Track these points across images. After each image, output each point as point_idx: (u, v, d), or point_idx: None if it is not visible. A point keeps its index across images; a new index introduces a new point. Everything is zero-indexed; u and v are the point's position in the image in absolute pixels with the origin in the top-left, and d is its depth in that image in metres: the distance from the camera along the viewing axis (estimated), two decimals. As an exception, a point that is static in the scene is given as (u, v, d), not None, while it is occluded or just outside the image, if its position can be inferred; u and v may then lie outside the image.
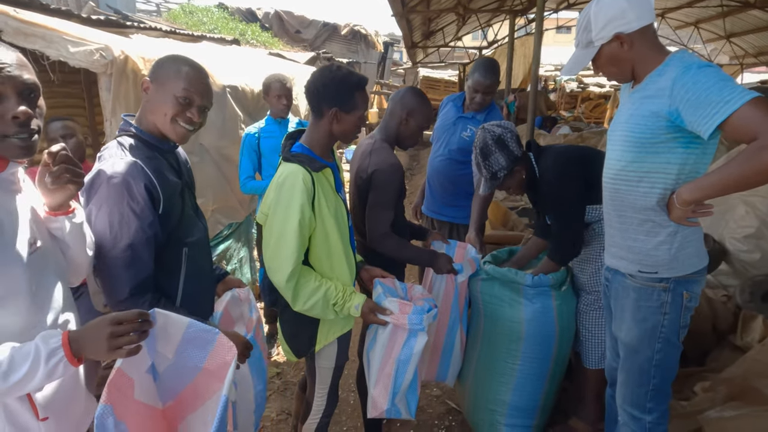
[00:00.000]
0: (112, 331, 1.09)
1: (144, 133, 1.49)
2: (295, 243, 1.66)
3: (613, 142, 1.70)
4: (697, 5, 9.53)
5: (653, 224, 1.61)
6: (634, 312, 1.69)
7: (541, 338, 2.16)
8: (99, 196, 1.37)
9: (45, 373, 1.05)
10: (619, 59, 1.59)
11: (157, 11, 14.19)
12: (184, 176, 1.63)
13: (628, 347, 1.73)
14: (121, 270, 1.38)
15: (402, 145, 2.18)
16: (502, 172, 2.09)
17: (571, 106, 15.23)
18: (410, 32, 11.56)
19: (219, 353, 1.33)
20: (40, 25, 2.41)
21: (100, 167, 1.39)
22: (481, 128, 2.15)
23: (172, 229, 1.50)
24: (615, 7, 1.53)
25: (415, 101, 2.12)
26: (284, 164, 1.75)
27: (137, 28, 3.98)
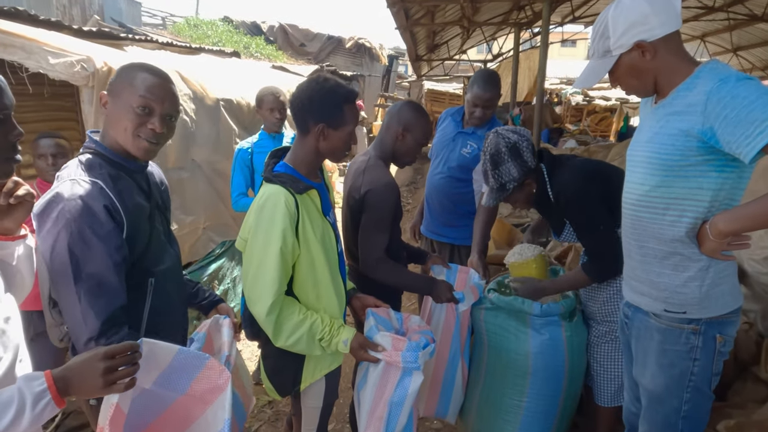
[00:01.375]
0: (107, 367, 1.03)
1: (107, 150, 1.36)
2: (276, 272, 1.51)
3: (635, 164, 1.50)
4: (703, 18, 9.41)
5: (681, 258, 1.41)
6: (659, 356, 1.49)
7: (549, 373, 1.99)
8: (56, 221, 1.23)
9: (31, 418, 0.97)
10: (640, 70, 1.40)
11: (163, 24, 14.24)
12: (155, 198, 1.48)
13: (652, 395, 1.53)
14: (88, 303, 1.23)
15: (398, 162, 2.02)
16: (512, 184, 1.90)
17: (577, 119, 15.11)
18: (414, 45, 11.51)
19: (208, 377, 1.27)
20: (20, 36, 2.30)
21: (57, 190, 1.25)
22: (495, 132, 1.95)
23: (137, 256, 1.35)
24: (636, 11, 1.34)
25: (412, 115, 1.97)
26: (265, 185, 1.60)
27: (132, 40, 3.88)
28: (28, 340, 1.26)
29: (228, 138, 3.52)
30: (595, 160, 2.11)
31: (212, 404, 1.30)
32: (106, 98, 1.36)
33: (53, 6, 9.85)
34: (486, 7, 8.79)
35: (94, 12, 10.49)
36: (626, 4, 1.37)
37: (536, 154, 1.96)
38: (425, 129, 1.98)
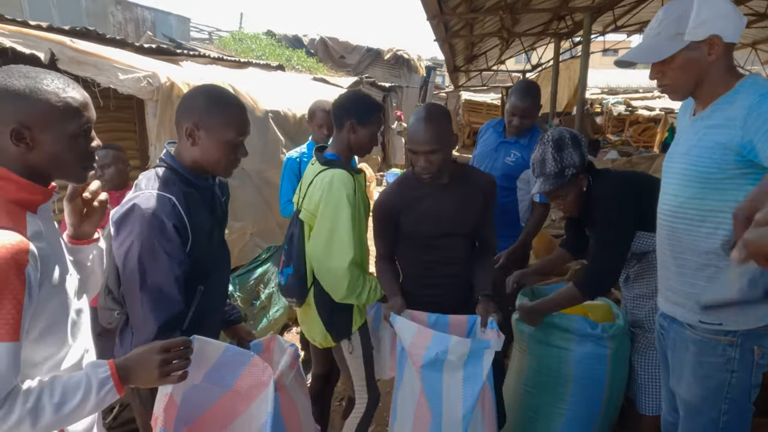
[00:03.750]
0: (163, 359, 1.13)
1: (182, 167, 1.47)
2: (349, 233, 1.88)
3: (671, 176, 1.52)
4: (754, 26, 9.13)
5: (716, 269, 1.41)
6: (695, 368, 1.48)
7: (591, 381, 2.00)
8: (131, 230, 1.35)
9: (95, 402, 1.08)
10: (696, 66, 1.38)
11: (209, 39, 14.81)
12: (217, 212, 1.60)
13: (689, 406, 1.53)
14: (149, 308, 1.36)
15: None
16: (571, 171, 1.88)
17: (619, 129, 14.78)
18: (453, 57, 11.60)
19: (252, 374, 1.37)
20: (93, 54, 2.51)
21: (135, 201, 1.37)
22: (554, 127, 2.06)
23: (192, 267, 1.45)
24: (723, 6, 1.35)
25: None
26: (325, 169, 1.98)
27: (187, 56, 4.11)
28: (95, 335, 1.38)
29: (275, 148, 3.68)
30: (636, 171, 2.14)
31: (256, 399, 1.39)
32: (193, 130, 1.42)
33: (110, 23, 10.43)
34: (525, 18, 8.80)
35: (147, 28, 11.04)
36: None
37: None
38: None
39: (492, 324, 1.80)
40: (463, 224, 1.95)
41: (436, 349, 1.69)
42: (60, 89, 1.08)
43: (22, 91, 1.04)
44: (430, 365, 1.72)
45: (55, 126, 1.07)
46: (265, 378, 1.35)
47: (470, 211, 1.94)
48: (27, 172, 1.08)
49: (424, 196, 1.91)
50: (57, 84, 1.09)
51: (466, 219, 1.94)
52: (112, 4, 10.49)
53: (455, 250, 1.97)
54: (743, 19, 1.39)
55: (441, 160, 1.77)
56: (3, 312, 0.97)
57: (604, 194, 1.91)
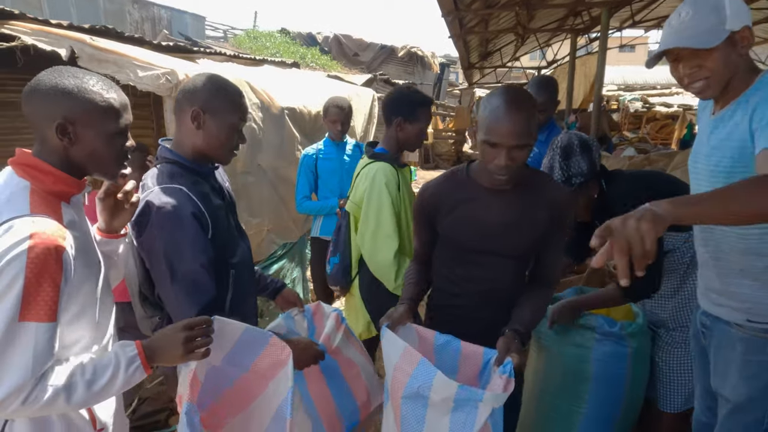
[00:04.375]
0: (187, 336, 1.20)
1: (183, 158, 1.47)
2: (393, 225, 1.98)
3: (699, 176, 1.50)
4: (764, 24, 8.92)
5: (760, 270, 1.39)
6: (742, 367, 1.45)
7: (610, 380, 1.96)
8: (150, 228, 1.37)
9: (124, 380, 1.14)
10: (732, 60, 1.33)
11: (224, 37, 14.91)
12: (226, 198, 1.62)
13: (734, 406, 1.49)
14: (184, 299, 1.39)
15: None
16: (579, 179, 1.86)
17: (636, 126, 14.58)
18: (467, 53, 11.52)
19: (271, 354, 1.39)
20: (113, 52, 2.53)
21: (147, 199, 1.38)
22: (566, 132, 1.98)
23: (218, 251, 1.47)
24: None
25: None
26: (372, 162, 2.10)
27: (203, 53, 4.14)
28: (118, 329, 1.43)
29: (291, 145, 3.69)
30: (649, 170, 2.10)
31: (275, 378, 1.41)
32: (199, 113, 1.43)
33: (127, 22, 10.55)
34: (541, 14, 8.70)
35: (163, 27, 11.15)
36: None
37: None
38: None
39: (506, 367, 1.40)
40: (513, 244, 1.58)
41: (419, 380, 1.36)
42: (104, 90, 1.17)
43: (70, 89, 1.11)
44: (411, 398, 1.39)
45: (97, 123, 1.15)
46: (284, 357, 1.37)
47: (527, 229, 1.56)
48: (65, 165, 1.15)
49: (470, 199, 1.58)
50: (101, 85, 1.17)
51: (519, 238, 1.57)
52: (129, 3, 10.61)
53: (499, 273, 1.61)
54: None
55: (525, 158, 1.44)
56: (43, 294, 1.03)
57: (621, 201, 1.86)
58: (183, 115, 1.46)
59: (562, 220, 1.58)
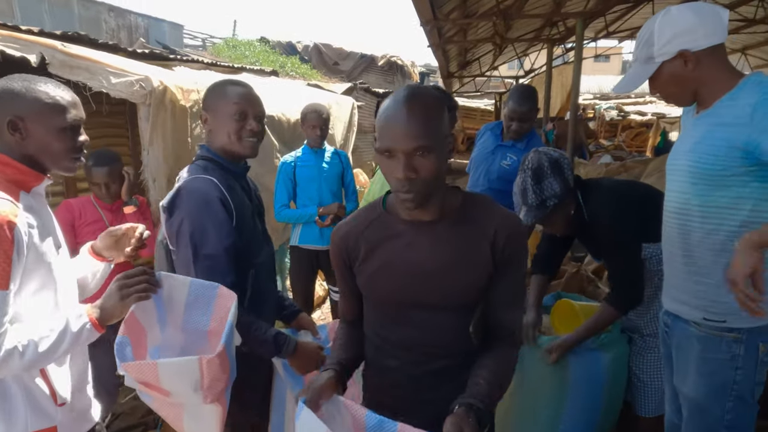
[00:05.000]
0: (120, 284, 1.30)
1: (215, 155, 1.61)
2: None
3: (676, 173, 1.53)
4: (744, 31, 9.22)
5: (721, 266, 1.41)
6: (700, 365, 1.49)
7: (588, 384, 1.98)
8: (180, 211, 1.50)
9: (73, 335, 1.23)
10: (681, 79, 1.44)
11: (203, 45, 14.81)
12: (254, 200, 1.73)
13: (694, 404, 1.53)
14: (203, 278, 1.44)
15: None
16: (553, 201, 1.86)
17: (612, 134, 14.88)
18: (446, 62, 11.63)
19: (221, 305, 1.40)
20: (85, 58, 2.48)
21: (180, 185, 1.54)
22: (535, 151, 1.95)
23: (241, 247, 1.55)
24: (683, 21, 1.39)
25: None
26: None
27: (180, 61, 4.09)
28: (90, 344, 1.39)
29: (269, 153, 3.66)
30: (628, 181, 2.13)
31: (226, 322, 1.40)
32: (206, 116, 1.60)
33: (103, 29, 10.40)
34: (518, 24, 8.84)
35: (140, 35, 11.02)
36: (674, 13, 1.42)
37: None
38: None
39: None
40: (449, 292, 1.19)
41: None
42: (51, 90, 1.28)
43: (19, 90, 1.24)
44: None
45: (44, 119, 1.26)
46: (230, 302, 1.38)
47: (466, 271, 1.18)
48: (25, 159, 1.27)
49: (388, 238, 1.22)
50: (49, 86, 1.28)
51: (456, 284, 1.19)
52: (105, 11, 10.47)
53: (438, 334, 1.22)
54: (717, 17, 1.40)
55: (433, 167, 1.08)
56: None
57: (603, 216, 1.88)
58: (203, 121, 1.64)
59: (513, 257, 1.19)
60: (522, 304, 1.33)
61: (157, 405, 1.40)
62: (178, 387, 1.26)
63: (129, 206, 2.43)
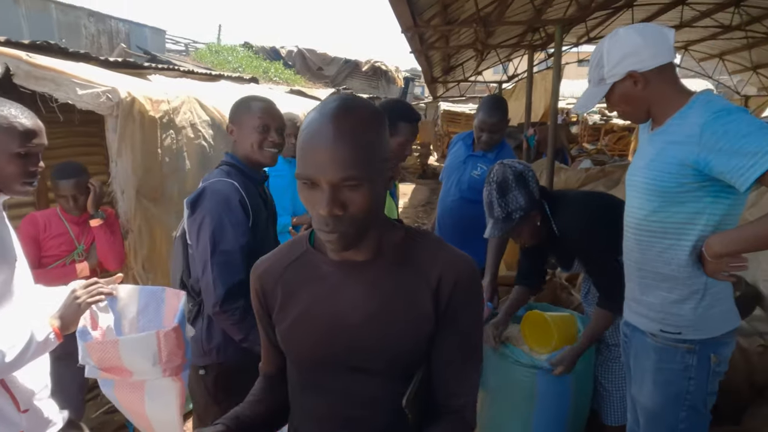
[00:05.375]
0: (76, 295, 1.42)
1: (238, 161, 1.78)
2: None
3: (633, 189, 1.57)
4: (721, 37, 9.39)
5: (677, 281, 1.46)
6: (656, 374, 1.53)
7: (555, 395, 2.00)
8: (202, 208, 1.65)
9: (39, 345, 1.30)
10: (632, 98, 1.49)
11: (186, 51, 14.70)
12: (270, 208, 1.89)
13: (649, 413, 1.57)
14: (218, 273, 1.60)
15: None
16: (518, 214, 1.90)
17: (594, 138, 15.04)
18: (430, 68, 11.67)
19: (171, 306, 1.52)
20: (51, 69, 2.44)
21: (205, 185, 1.70)
22: (500, 163, 1.97)
23: (255, 248, 1.64)
24: (630, 43, 1.44)
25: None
26: None
27: (156, 69, 4.05)
28: (54, 357, 1.51)
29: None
30: (596, 193, 2.17)
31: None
32: (231, 127, 1.79)
33: (83, 35, 10.29)
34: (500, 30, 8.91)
35: (120, 40, 10.92)
36: (621, 35, 1.46)
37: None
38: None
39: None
40: (380, 352, 0.94)
41: None
42: (11, 116, 1.32)
43: None
44: None
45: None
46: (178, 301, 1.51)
47: (404, 325, 0.94)
48: None
49: (309, 281, 0.99)
50: (11, 111, 1.32)
51: (388, 342, 0.94)
52: (85, 16, 10.36)
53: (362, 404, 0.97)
54: (662, 38, 1.45)
55: (366, 202, 0.85)
56: None
57: (573, 230, 1.92)
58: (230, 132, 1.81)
59: (462, 310, 0.94)
60: (477, 373, 1.00)
61: (119, 394, 1.46)
62: (138, 363, 1.37)
63: (95, 219, 2.39)
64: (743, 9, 7.63)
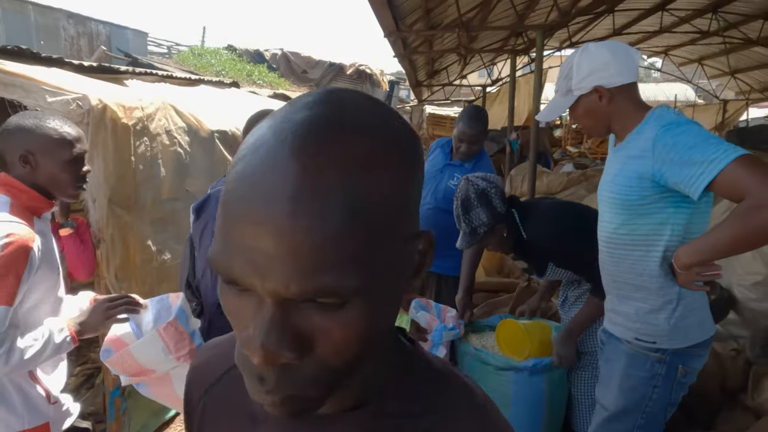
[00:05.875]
0: (107, 306, 1.50)
1: None
2: None
3: (602, 203, 1.61)
4: (700, 42, 9.55)
5: (650, 291, 1.49)
6: (622, 380, 1.56)
7: (529, 403, 2.00)
8: (206, 214, 1.73)
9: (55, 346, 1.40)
10: (595, 113, 1.53)
11: (169, 53, 14.56)
12: None
13: (610, 414, 1.60)
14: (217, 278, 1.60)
15: None
16: (483, 229, 1.98)
17: (578, 141, 15.18)
18: (414, 72, 11.70)
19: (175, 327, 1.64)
20: (20, 75, 2.39)
21: (210, 192, 1.80)
22: (465, 179, 2.04)
23: None
24: (599, 59, 1.47)
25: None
26: None
27: (133, 74, 4.00)
28: None
29: (222, 168, 3.60)
30: (563, 202, 2.22)
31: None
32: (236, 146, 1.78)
33: (62, 37, 10.14)
34: (484, 35, 8.97)
35: (101, 43, 10.77)
36: (591, 51, 1.50)
37: (507, 200, 2.03)
38: None
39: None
40: None
41: None
42: (58, 126, 1.48)
43: (30, 127, 1.44)
44: None
45: (52, 153, 1.45)
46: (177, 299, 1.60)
47: None
48: (35, 188, 1.46)
49: (243, 422, 0.56)
50: (57, 122, 1.48)
51: None
52: (64, 18, 10.20)
53: None
54: (629, 58, 1.49)
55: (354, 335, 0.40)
56: (6, 282, 1.30)
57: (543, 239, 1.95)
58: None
59: None
60: None
61: (154, 390, 1.62)
62: (154, 360, 1.51)
63: (65, 228, 2.35)
64: (720, 15, 7.78)
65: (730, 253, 1.32)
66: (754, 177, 1.20)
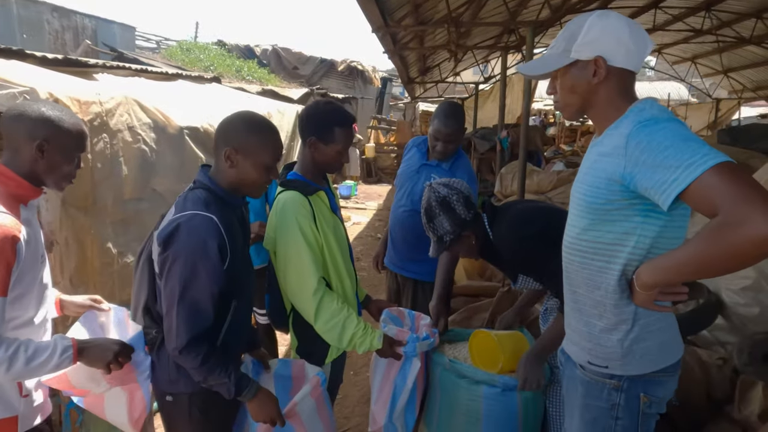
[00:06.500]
0: (116, 352, 1.47)
1: (219, 188, 1.56)
2: (310, 258, 1.77)
3: (572, 203, 1.42)
4: (693, 41, 9.46)
5: (605, 308, 1.31)
6: (583, 411, 1.39)
7: (503, 418, 1.89)
8: (176, 248, 1.45)
9: (56, 363, 1.39)
10: (581, 87, 1.31)
11: (157, 48, 14.35)
12: (246, 229, 1.73)
13: None
14: (183, 320, 1.46)
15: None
16: (448, 237, 1.87)
17: (571, 139, 15.11)
18: (406, 68, 11.56)
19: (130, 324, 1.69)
20: (-35, 67, 2.25)
21: (180, 221, 1.46)
22: (428, 186, 1.92)
23: (228, 283, 1.54)
24: (615, 30, 1.25)
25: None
26: (282, 191, 1.87)
27: (103, 68, 3.85)
28: None
29: (193, 166, 3.45)
30: (536, 204, 2.10)
31: None
32: (230, 152, 1.52)
33: (45, 31, 9.94)
34: (476, 32, 8.84)
35: (86, 37, 10.58)
36: (612, 19, 1.28)
37: (473, 206, 1.91)
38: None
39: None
40: None
41: None
42: (77, 123, 1.50)
43: (53, 118, 1.44)
44: None
45: (68, 147, 1.47)
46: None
47: None
48: (28, 174, 1.43)
49: None
50: (76, 118, 1.51)
51: None
52: (48, 11, 9.99)
53: None
54: (644, 45, 1.29)
55: None
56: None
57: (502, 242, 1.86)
58: (218, 152, 1.56)
59: None
60: None
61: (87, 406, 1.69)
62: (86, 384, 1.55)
63: None
64: (714, 14, 7.68)
65: (698, 276, 1.12)
66: (730, 189, 1.00)
